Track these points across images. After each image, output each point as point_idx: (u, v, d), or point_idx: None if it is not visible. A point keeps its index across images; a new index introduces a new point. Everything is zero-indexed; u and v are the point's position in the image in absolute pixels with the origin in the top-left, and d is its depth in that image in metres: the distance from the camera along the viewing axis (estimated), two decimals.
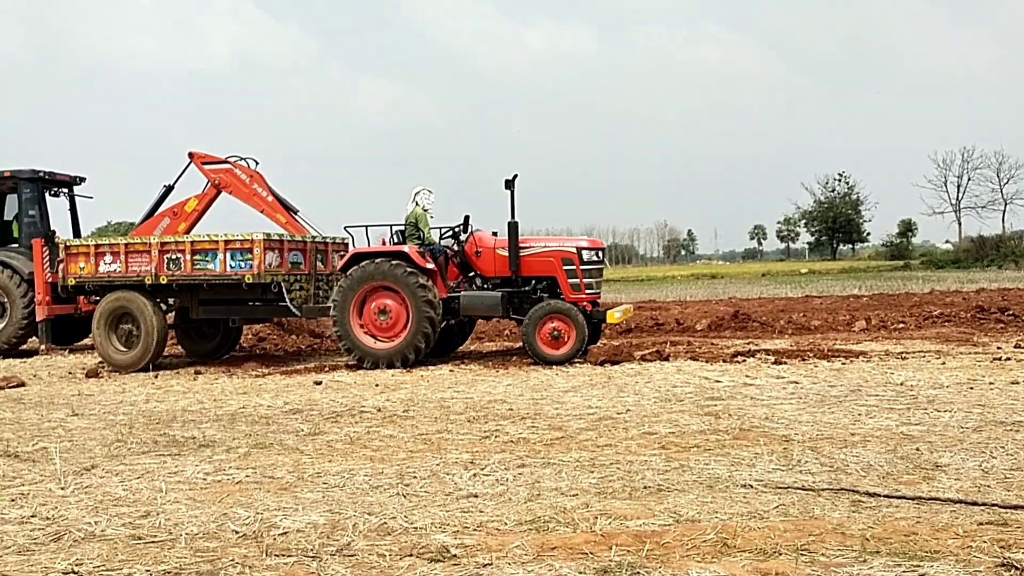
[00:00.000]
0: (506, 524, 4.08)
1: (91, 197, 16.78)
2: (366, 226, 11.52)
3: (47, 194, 15.48)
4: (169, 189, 13.75)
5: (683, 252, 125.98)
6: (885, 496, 4.35)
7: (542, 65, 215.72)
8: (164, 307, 12.31)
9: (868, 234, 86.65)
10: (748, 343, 12.34)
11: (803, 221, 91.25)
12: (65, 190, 15.90)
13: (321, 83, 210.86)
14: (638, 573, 3.40)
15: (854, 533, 3.78)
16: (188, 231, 13.36)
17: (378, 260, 10.96)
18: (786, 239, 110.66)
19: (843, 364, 9.66)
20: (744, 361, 10.15)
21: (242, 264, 11.38)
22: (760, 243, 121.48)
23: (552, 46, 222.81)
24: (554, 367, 10.24)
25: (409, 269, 10.78)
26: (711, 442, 5.81)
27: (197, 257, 11.59)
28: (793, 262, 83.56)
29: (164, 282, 11.72)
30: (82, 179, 16.10)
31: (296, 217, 13.37)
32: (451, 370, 10.47)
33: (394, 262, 10.86)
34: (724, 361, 10.16)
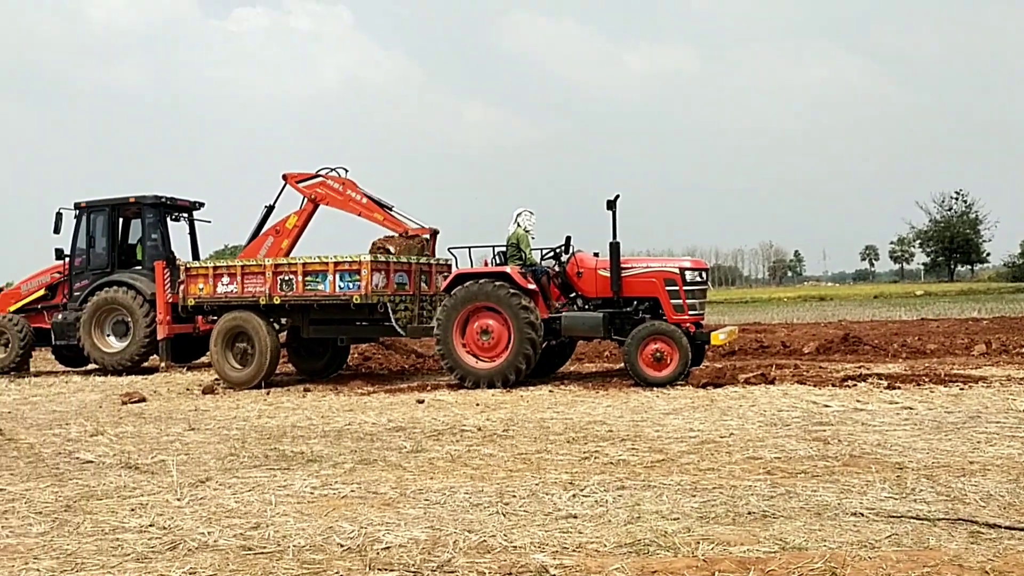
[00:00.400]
0: (606, 546, 4.05)
1: (209, 221, 17.61)
2: (469, 247, 11.70)
3: (168, 219, 16.31)
4: (270, 209, 14.26)
5: (789, 273, 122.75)
6: (1006, 528, 4.12)
7: (643, 86, 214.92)
8: (277, 327, 12.75)
9: (988, 254, 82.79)
10: (859, 367, 11.90)
11: (918, 241, 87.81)
12: (185, 215, 16.70)
13: (425, 108, 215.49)
14: None
15: (972, 566, 3.59)
16: (291, 247, 13.83)
17: (481, 281, 11.08)
18: (900, 260, 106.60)
19: (961, 389, 9.21)
20: (855, 385, 9.79)
21: (350, 285, 11.71)
22: (872, 264, 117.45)
23: (653, 67, 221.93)
24: (655, 389, 10.12)
25: (511, 290, 10.86)
26: (819, 468, 5.62)
27: (308, 278, 11.99)
28: (908, 284, 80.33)
29: (277, 302, 12.16)
30: (201, 204, 16.89)
31: (392, 212, 13.60)
32: (551, 390, 10.47)
33: (496, 283, 10.95)
34: (833, 385, 9.83)
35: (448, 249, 12.07)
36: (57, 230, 15.72)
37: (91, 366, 15.91)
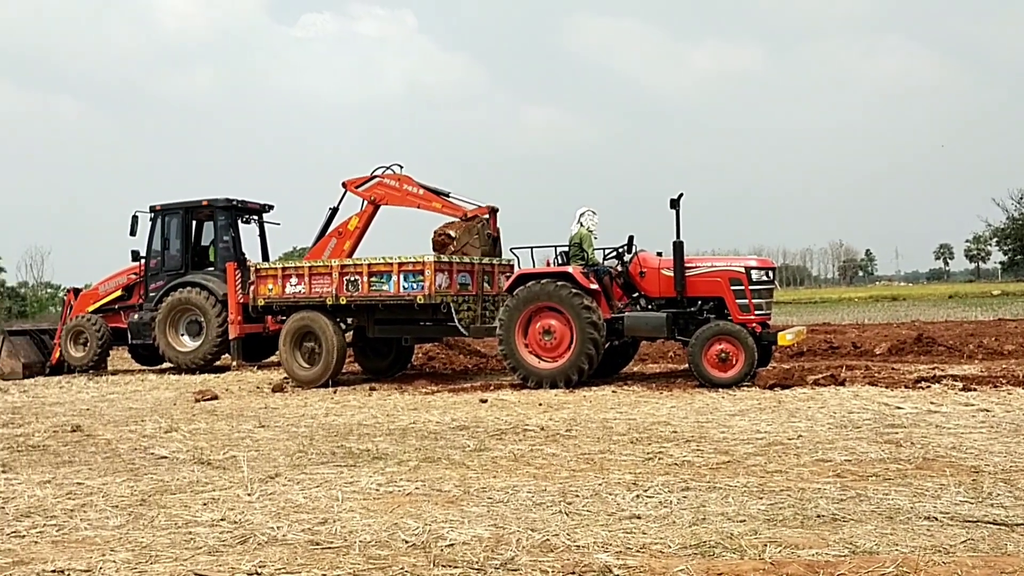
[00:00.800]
0: (670, 547, 4.01)
1: (278, 224, 17.99)
2: (531, 247, 11.71)
3: (239, 221, 16.71)
4: (334, 211, 14.43)
5: (860, 273, 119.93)
6: None
7: (708, 84, 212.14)
8: (343, 326, 12.96)
9: None
10: (933, 368, 11.56)
11: (995, 239, 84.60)
12: (255, 217, 17.09)
13: (489, 111, 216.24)
14: None
15: None
16: (353, 248, 14.00)
17: (543, 281, 11.07)
18: (976, 259, 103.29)
19: None
20: (928, 387, 9.51)
21: (414, 285, 11.84)
22: (947, 263, 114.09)
23: (719, 65, 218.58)
24: (720, 390, 9.98)
25: (574, 290, 10.82)
26: (891, 471, 5.48)
27: (373, 279, 12.16)
28: (984, 283, 77.71)
29: (343, 302, 12.36)
30: (270, 207, 17.26)
31: (449, 199, 13.65)
32: (614, 391, 10.41)
33: (559, 283, 10.93)
34: (906, 387, 9.56)
35: (510, 249, 12.10)
36: (133, 232, 16.22)
37: (166, 365, 16.39)
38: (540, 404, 9.43)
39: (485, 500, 5.07)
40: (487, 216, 13.36)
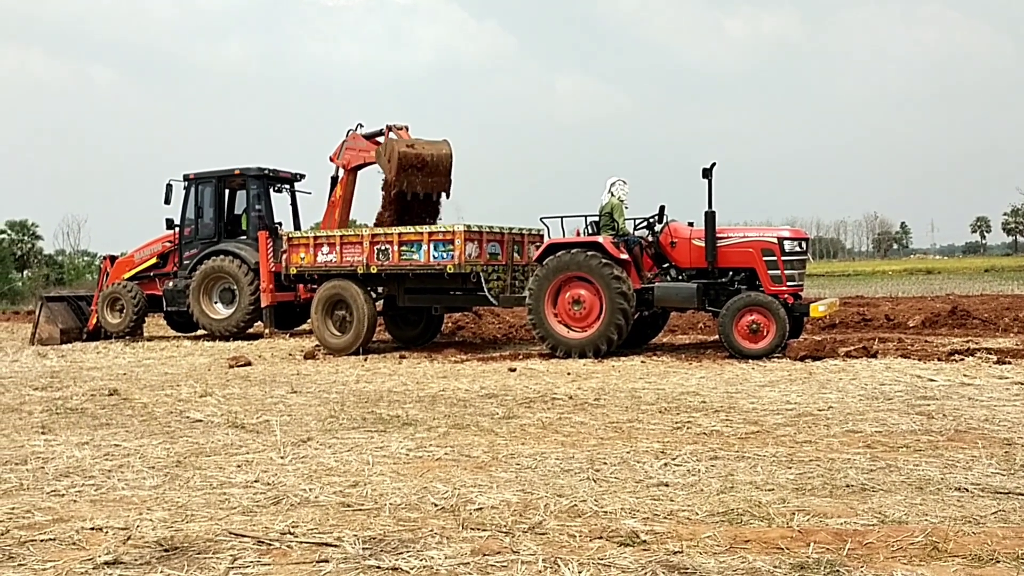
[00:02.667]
0: (697, 514, 4.03)
1: (310, 192, 18.12)
2: (561, 217, 11.67)
3: (271, 190, 16.81)
4: (333, 182, 14.59)
5: (895, 246, 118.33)
6: None
7: (743, 52, 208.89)
8: (374, 295, 13.05)
9: None
10: (967, 341, 11.41)
11: None
12: (287, 186, 17.18)
13: (519, 80, 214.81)
14: (837, 571, 3.25)
15: None
16: (344, 217, 14.52)
17: (573, 251, 11.04)
18: (1013, 232, 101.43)
19: None
20: (962, 360, 9.40)
21: (444, 255, 11.87)
22: (984, 236, 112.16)
23: (754, 33, 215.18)
24: (751, 361, 9.94)
25: (603, 260, 10.79)
26: (922, 443, 5.45)
27: (404, 248, 12.21)
28: (1021, 257, 76.30)
29: (374, 271, 12.44)
30: (302, 176, 17.34)
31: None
32: (643, 361, 10.41)
33: (588, 252, 10.91)
34: (939, 359, 9.46)
35: (540, 219, 12.08)
36: (168, 201, 16.39)
37: (200, 332, 16.62)
38: (569, 373, 9.46)
39: (513, 466, 5.11)
40: (390, 135, 13.45)
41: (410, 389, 8.67)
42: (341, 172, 14.36)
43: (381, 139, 13.77)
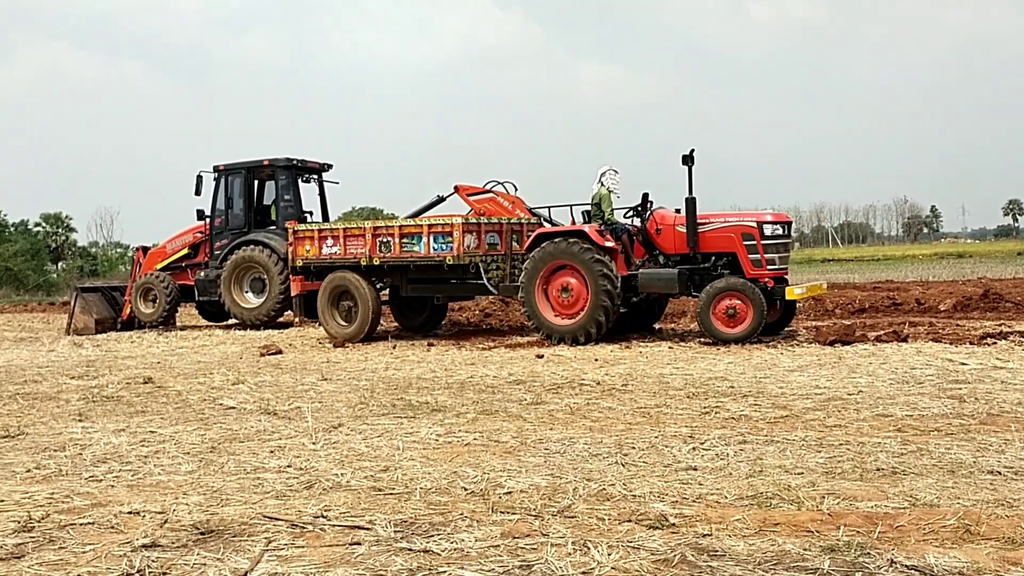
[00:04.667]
0: (726, 498, 4.03)
1: (337, 183, 18.17)
2: (548, 207, 11.84)
3: (300, 180, 16.93)
4: (440, 200, 14.48)
5: (925, 230, 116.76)
6: None
7: (768, 36, 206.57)
8: (378, 286, 13.25)
9: None
10: (1000, 325, 11.26)
11: None
12: (315, 176, 17.29)
13: (543, 68, 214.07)
14: (868, 554, 3.25)
15: None
16: None
17: (557, 240, 11.17)
18: None
19: None
20: (994, 343, 9.30)
21: (443, 247, 12.10)
22: (1016, 220, 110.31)
23: (780, 16, 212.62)
24: (779, 346, 9.90)
25: (586, 246, 10.90)
26: (954, 426, 5.41)
27: (405, 240, 12.45)
28: None
29: (376, 263, 12.69)
30: (329, 166, 17.43)
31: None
32: (670, 347, 10.40)
33: (571, 240, 11.01)
34: (971, 343, 9.36)
35: (530, 209, 12.19)
36: (198, 192, 16.54)
37: (231, 321, 16.80)
38: (596, 360, 9.47)
39: (542, 451, 5.15)
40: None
41: (439, 376, 8.73)
42: (471, 212, 13.68)
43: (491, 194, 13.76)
